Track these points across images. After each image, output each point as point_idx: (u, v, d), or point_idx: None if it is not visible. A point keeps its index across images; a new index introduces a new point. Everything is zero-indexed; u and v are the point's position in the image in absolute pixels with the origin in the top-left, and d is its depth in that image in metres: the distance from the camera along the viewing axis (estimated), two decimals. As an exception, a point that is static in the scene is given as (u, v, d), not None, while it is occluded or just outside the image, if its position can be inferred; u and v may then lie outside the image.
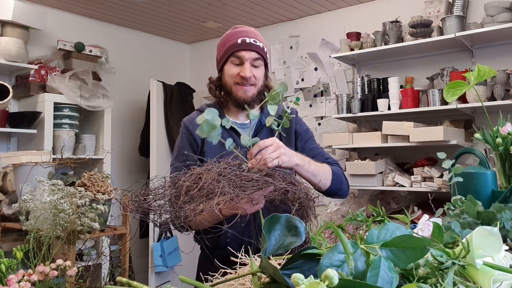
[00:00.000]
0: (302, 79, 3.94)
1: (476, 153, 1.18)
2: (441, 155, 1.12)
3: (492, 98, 2.79)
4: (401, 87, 3.14)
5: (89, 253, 2.49)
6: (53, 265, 0.96)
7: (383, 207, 0.91)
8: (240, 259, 0.81)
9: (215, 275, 0.81)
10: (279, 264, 0.73)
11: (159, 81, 4.05)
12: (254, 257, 0.73)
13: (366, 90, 3.29)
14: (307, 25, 3.95)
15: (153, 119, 3.95)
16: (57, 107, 3.30)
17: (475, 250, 0.57)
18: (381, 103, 3.11)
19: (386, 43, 3.18)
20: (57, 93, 3.28)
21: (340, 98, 3.30)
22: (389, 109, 3.09)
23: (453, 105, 2.78)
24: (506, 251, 0.62)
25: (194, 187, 0.90)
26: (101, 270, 2.47)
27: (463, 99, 2.80)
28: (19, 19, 3.13)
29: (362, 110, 3.21)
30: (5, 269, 0.93)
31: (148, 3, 3.59)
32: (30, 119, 3.17)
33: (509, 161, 1.11)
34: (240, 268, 0.80)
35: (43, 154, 2.49)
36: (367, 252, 0.56)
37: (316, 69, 3.86)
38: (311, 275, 0.48)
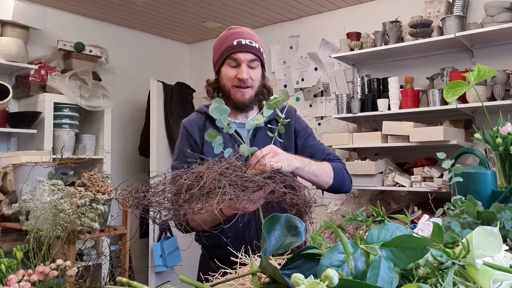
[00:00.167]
0: (302, 79, 3.94)
1: (476, 153, 1.18)
2: (441, 155, 1.12)
3: (492, 98, 2.79)
4: (401, 87, 3.14)
5: (89, 253, 2.49)
6: (53, 265, 0.96)
7: (383, 207, 0.91)
8: (240, 259, 0.81)
9: (215, 275, 0.81)
10: (279, 264, 0.73)
11: (159, 81, 4.05)
12: (254, 257, 0.73)
13: (366, 90, 3.29)
14: (307, 25, 3.95)
15: (153, 119, 3.95)
16: (57, 107, 3.30)
17: (475, 250, 0.57)
18: (381, 103, 3.11)
19: (386, 43, 3.18)
20: (57, 93, 3.28)
21: (340, 98, 3.30)
22: (389, 109, 3.09)
23: (453, 105, 2.78)
24: (506, 251, 0.62)
25: (195, 186, 0.90)
26: (101, 270, 2.47)
27: (463, 99, 2.80)
28: (19, 19, 3.13)
29: (362, 110, 3.21)
30: (5, 269, 0.93)
31: (148, 3, 3.59)
32: (30, 119, 3.17)
33: (509, 161, 1.11)
34: (240, 268, 0.80)
35: (43, 154, 2.49)
36: (367, 252, 0.56)
37: (316, 69, 3.86)
38: (311, 275, 0.48)
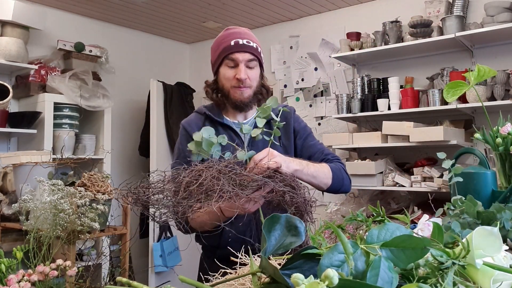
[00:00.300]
0: (302, 79, 3.94)
1: (476, 153, 1.18)
2: (441, 155, 1.12)
3: (492, 98, 2.79)
4: (401, 87, 3.14)
5: (89, 253, 2.50)
6: (53, 265, 0.96)
7: (383, 207, 0.91)
8: (240, 259, 0.81)
9: (215, 275, 0.81)
10: (279, 264, 0.73)
11: (159, 81, 4.05)
12: (254, 257, 0.73)
13: (366, 90, 3.29)
14: (307, 25, 3.95)
15: (153, 119, 3.95)
16: (57, 107, 3.30)
17: (475, 250, 0.57)
18: (381, 103, 3.11)
19: (386, 43, 3.18)
20: (57, 93, 3.28)
21: (340, 98, 3.30)
22: (389, 109, 3.09)
23: (453, 105, 2.78)
24: (506, 251, 0.62)
25: (193, 183, 0.90)
26: (101, 270, 2.47)
27: (463, 99, 2.80)
28: (19, 19, 3.13)
29: (362, 110, 3.21)
30: (5, 269, 0.93)
31: (148, 3, 3.59)
32: (30, 119, 3.17)
33: (509, 161, 1.11)
34: (240, 268, 0.80)
35: (43, 154, 2.49)
36: (367, 252, 0.56)
37: (316, 69, 3.86)
38: (311, 275, 0.48)
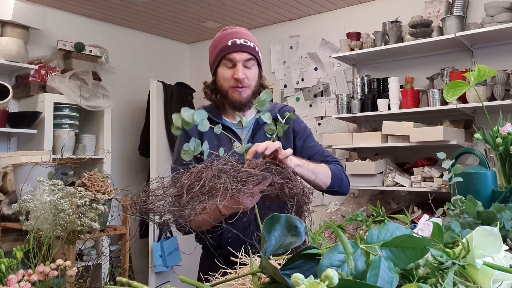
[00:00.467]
0: (302, 79, 3.94)
1: (476, 153, 1.18)
2: (441, 155, 1.12)
3: (492, 98, 2.79)
4: (401, 87, 3.14)
5: (89, 253, 2.49)
6: (53, 265, 0.96)
7: (383, 207, 0.91)
8: (240, 259, 0.81)
9: (215, 275, 0.81)
10: (279, 264, 0.73)
11: (159, 81, 4.05)
12: (254, 257, 0.73)
13: (366, 90, 3.29)
14: (307, 25, 3.95)
15: (153, 119, 3.95)
16: (57, 107, 3.30)
17: (475, 250, 0.57)
18: (381, 103, 3.11)
19: (386, 43, 3.18)
20: (57, 93, 3.28)
21: (340, 98, 3.30)
22: (389, 109, 3.09)
23: (453, 105, 2.78)
24: (506, 251, 0.62)
25: (196, 185, 0.90)
26: (101, 270, 2.47)
27: (463, 99, 2.80)
28: (19, 19, 3.13)
29: (362, 110, 3.21)
30: (5, 269, 0.93)
31: (148, 3, 3.59)
32: (30, 119, 3.17)
33: (509, 161, 1.11)
34: (240, 268, 0.80)
35: (43, 154, 2.49)
36: (367, 252, 0.56)
37: (316, 69, 3.86)
38: (311, 275, 0.48)
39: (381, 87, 3.26)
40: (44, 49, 3.55)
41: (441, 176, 2.78)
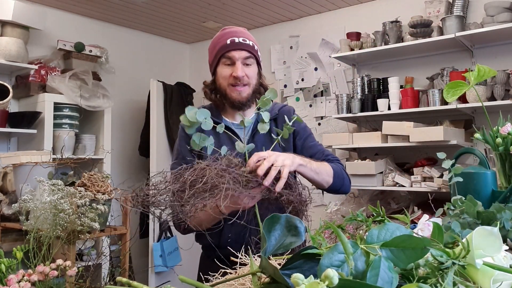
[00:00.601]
0: (302, 79, 3.94)
1: (476, 153, 1.18)
2: (441, 155, 1.12)
3: (492, 98, 2.79)
4: (401, 87, 3.14)
5: (89, 253, 2.49)
6: (53, 265, 0.96)
7: (383, 207, 0.91)
8: (240, 259, 0.81)
9: (215, 275, 0.81)
10: (279, 264, 0.73)
11: (159, 81, 4.05)
12: (254, 257, 0.73)
13: (366, 90, 3.29)
14: (307, 25, 3.95)
15: (153, 119, 3.95)
16: (57, 107, 3.30)
17: (475, 250, 0.57)
18: (381, 103, 3.11)
19: (386, 43, 3.18)
20: (57, 93, 3.28)
21: (340, 98, 3.30)
22: (389, 109, 3.09)
23: (453, 105, 2.78)
24: (506, 251, 0.62)
25: (198, 181, 0.90)
26: (101, 270, 2.47)
27: (463, 99, 2.80)
28: (19, 19, 3.13)
29: (362, 110, 3.21)
30: (5, 269, 0.93)
31: (148, 3, 3.59)
32: (30, 119, 3.17)
33: (509, 161, 1.11)
34: (240, 268, 0.80)
35: (43, 154, 2.49)
36: (367, 252, 0.56)
37: (316, 69, 3.86)
38: (311, 275, 0.48)
39: (381, 87, 3.26)
40: (44, 49, 3.55)
41: (441, 176, 2.78)
